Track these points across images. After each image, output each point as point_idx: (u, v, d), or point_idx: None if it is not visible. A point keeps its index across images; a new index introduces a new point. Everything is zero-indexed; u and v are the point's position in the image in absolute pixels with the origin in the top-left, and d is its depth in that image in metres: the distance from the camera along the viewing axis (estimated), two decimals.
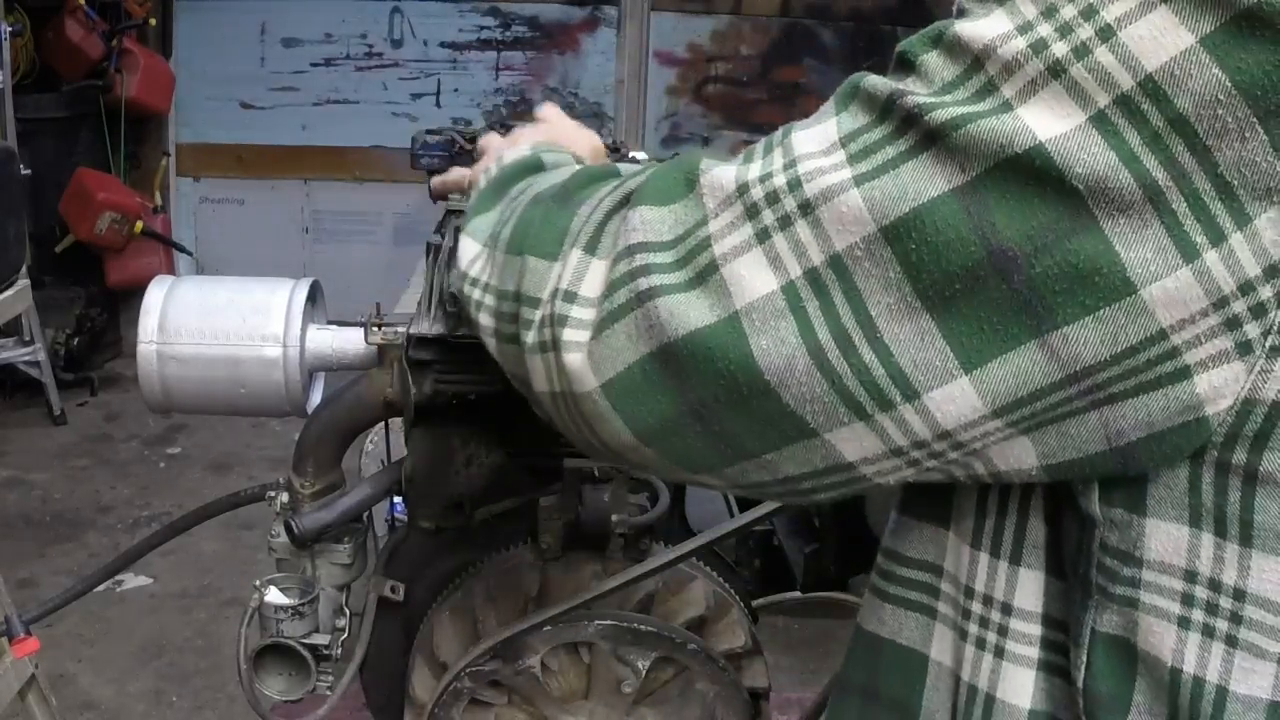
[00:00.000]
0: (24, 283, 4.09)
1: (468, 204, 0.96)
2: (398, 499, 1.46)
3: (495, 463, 1.34)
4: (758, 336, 0.63)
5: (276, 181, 5.86)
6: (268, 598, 1.37)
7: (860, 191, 0.61)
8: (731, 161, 0.69)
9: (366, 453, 2.47)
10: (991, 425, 0.62)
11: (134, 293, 4.29)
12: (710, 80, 5.78)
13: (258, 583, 1.39)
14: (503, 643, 1.25)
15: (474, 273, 0.85)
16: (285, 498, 1.43)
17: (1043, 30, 0.58)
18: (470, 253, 0.87)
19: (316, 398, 1.48)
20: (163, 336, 1.40)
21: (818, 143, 0.64)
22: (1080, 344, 0.59)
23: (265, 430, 4.75)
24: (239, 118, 5.78)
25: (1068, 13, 0.58)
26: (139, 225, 5.12)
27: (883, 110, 0.62)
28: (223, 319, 1.41)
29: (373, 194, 5.82)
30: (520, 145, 1.00)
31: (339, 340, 1.44)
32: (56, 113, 5.12)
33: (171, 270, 5.29)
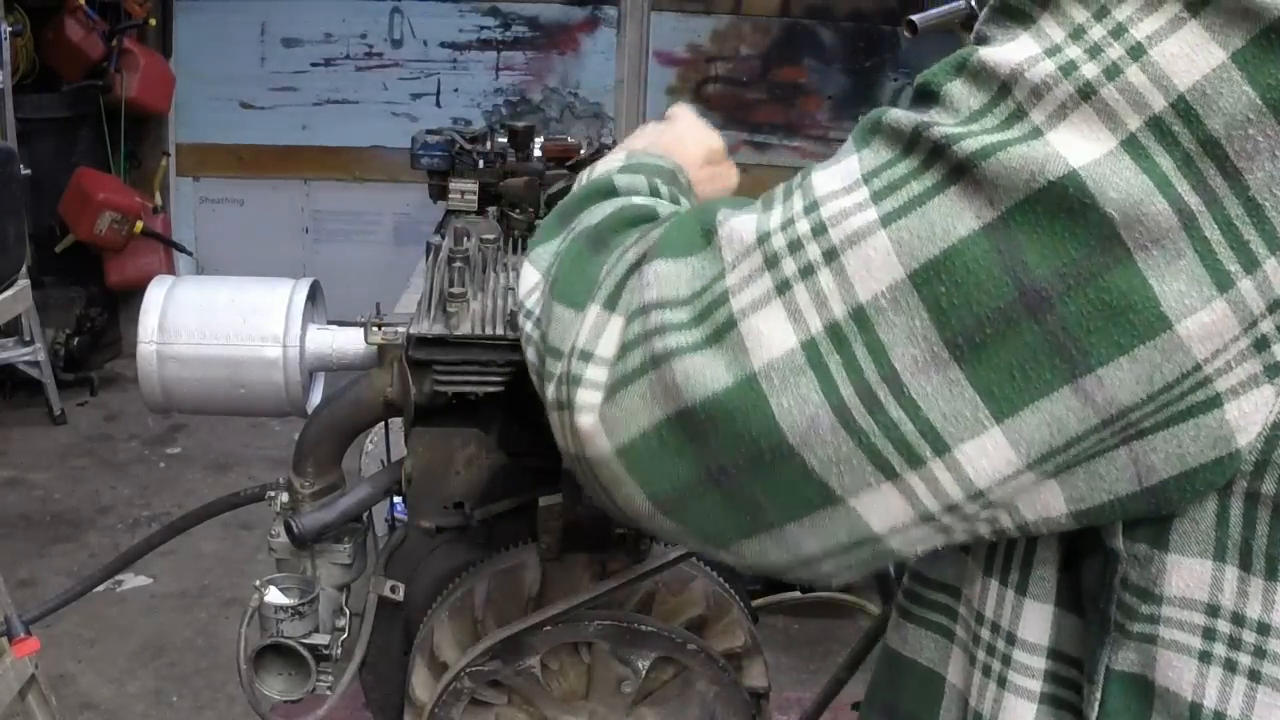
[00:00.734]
0: (24, 283, 4.09)
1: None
2: (398, 499, 1.46)
3: (495, 463, 1.34)
4: (778, 396, 0.60)
5: (276, 181, 5.86)
6: (268, 598, 1.37)
7: (888, 232, 0.58)
8: (751, 210, 0.66)
9: (366, 453, 2.47)
10: (1025, 478, 0.60)
11: (134, 293, 4.29)
12: (710, 80, 5.77)
13: (258, 583, 1.39)
14: (503, 643, 1.25)
15: (529, 305, 0.82)
16: (285, 498, 1.43)
17: (1072, 52, 0.57)
18: (529, 282, 0.84)
19: (316, 398, 1.48)
20: (163, 336, 1.40)
21: (839, 181, 0.61)
22: (1116, 386, 0.57)
23: (265, 430, 4.75)
24: (239, 118, 5.78)
25: (1096, 33, 0.56)
26: (139, 225, 5.12)
27: (908, 143, 0.60)
28: (223, 319, 1.41)
29: (373, 194, 5.81)
30: (616, 155, 0.94)
31: (339, 340, 1.44)
32: (56, 113, 5.11)
33: (171, 270, 5.29)
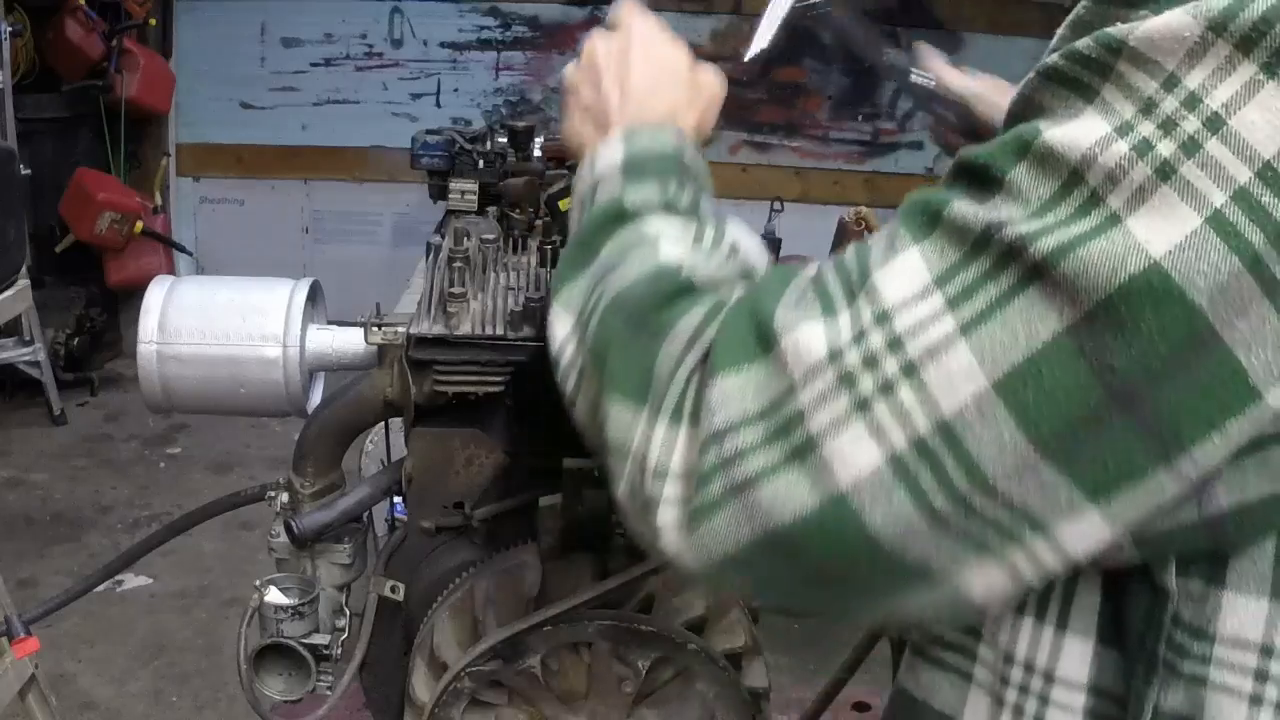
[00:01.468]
0: (24, 283, 4.09)
1: (570, 230, 0.89)
2: (398, 499, 1.46)
3: (495, 463, 1.34)
4: (870, 512, 0.59)
5: (276, 181, 5.86)
6: (268, 598, 1.37)
7: (967, 342, 0.56)
8: (808, 311, 0.63)
9: (366, 453, 2.46)
10: (1115, 542, 0.60)
11: (134, 293, 4.29)
12: None
13: (258, 583, 1.39)
14: (503, 643, 1.25)
15: (565, 360, 0.79)
16: (285, 498, 1.43)
17: (1145, 129, 0.54)
18: (561, 333, 0.80)
19: (316, 398, 1.48)
20: (163, 336, 1.40)
21: (909, 287, 0.59)
22: (1208, 459, 0.57)
23: (265, 430, 4.75)
24: (239, 118, 5.78)
25: (1169, 105, 0.54)
26: (139, 225, 5.11)
27: (976, 243, 0.57)
28: (223, 319, 1.41)
29: (373, 194, 5.81)
30: (612, 140, 0.89)
31: (339, 340, 1.44)
32: (56, 113, 5.11)
33: (171, 270, 5.29)
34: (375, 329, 1.35)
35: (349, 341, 1.44)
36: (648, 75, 0.96)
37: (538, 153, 1.82)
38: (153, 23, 5.40)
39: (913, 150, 5.66)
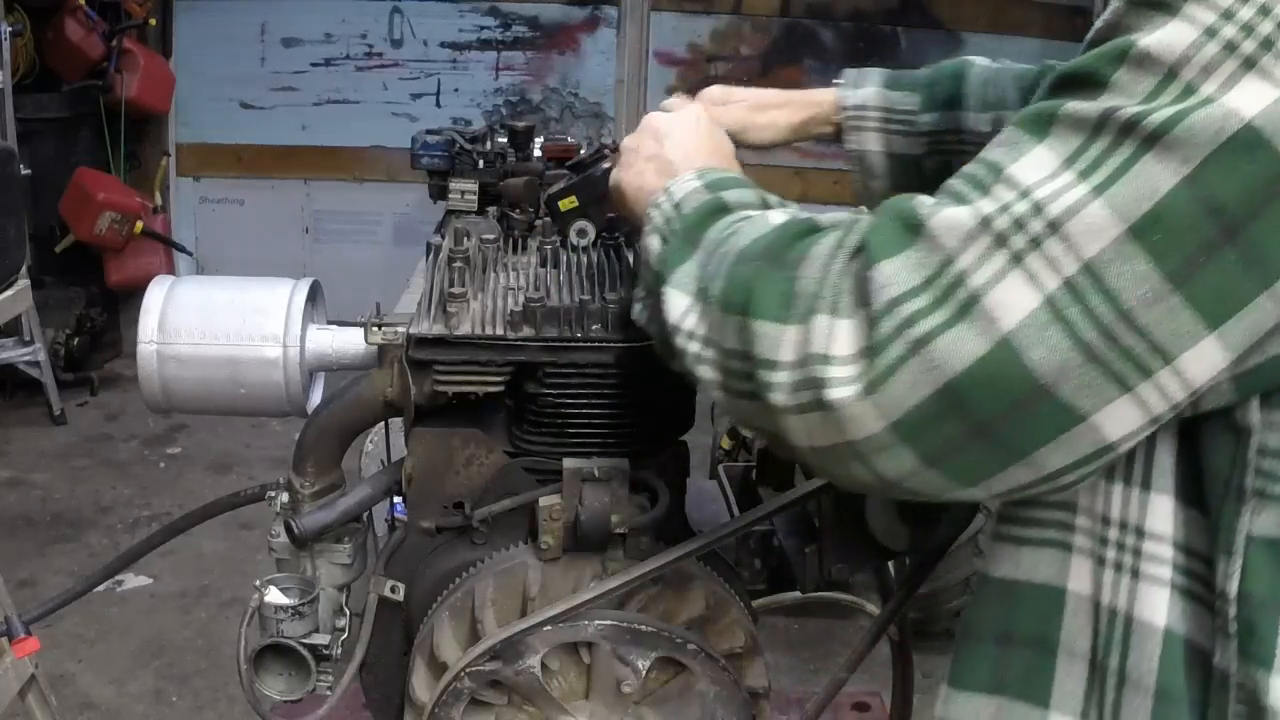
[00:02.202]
0: (24, 283, 4.09)
1: (654, 248, 0.99)
2: (398, 499, 1.46)
3: (495, 463, 1.34)
4: (1031, 350, 0.71)
5: (276, 181, 5.86)
6: (268, 598, 1.37)
7: (1102, 200, 0.70)
8: (949, 205, 0.75)
9: (366, 453, 2.47)
10: (1227, 370, 0.73)
11: (134, 293, 4.29)
12: (710, 80, 5.77)
13: (258, 583, 1.38)
14: (503, 643, 1.25)
15: (688, 326, 0.90)
16: (285, 498, 1.43)
17: (1229, 32, 0.70)
18: (680, 305, 0.91)
19: (316, 398, 1.48)
20: (163, 336, 1.40)
21: (1041, 170, 0.73)
22: None
23: (265, 430, 4.75)
24: (239, 118, 5.78)
25: (1245, 13, 0.70)
26: (139, 225, 5.12)
27: (1095, 127, 0.72)
28: (223, 319, 1.41)
29: (373, 194, 5.81)
30: (683, 175, 1.04)
31: (339, 340, 1.44)
32: (56, 113, 5.11)
33: (171, 270, 5.29)
34: (375, 329, 1.35)
35: (349, 341, 1.44)
36: (698, 141, 1.16)
37: (538, 153, 1.82)
38: (153, 23, 5.40)
39: None
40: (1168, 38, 0.71)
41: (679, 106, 1.31)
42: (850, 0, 5.74)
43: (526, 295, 1.32)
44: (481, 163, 1.79)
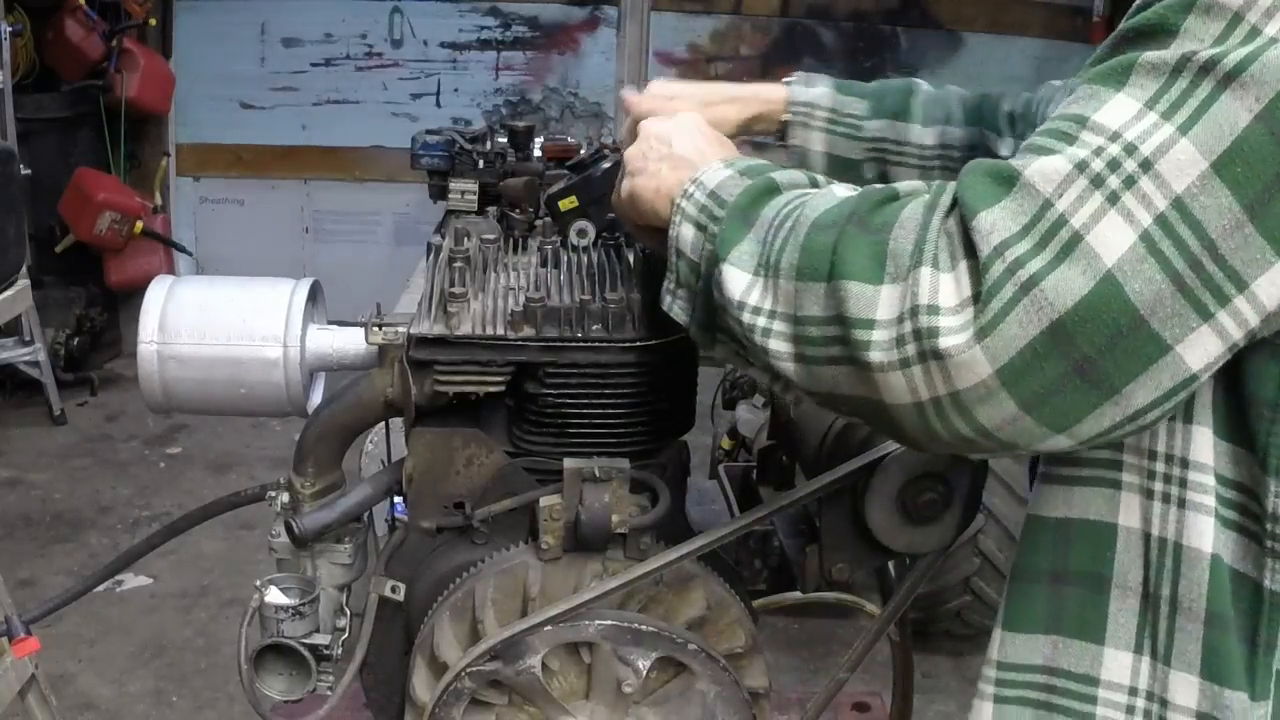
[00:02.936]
0: (24, 283, 4.09)
1: (689, 237, 1.00)
2: (398, 499, 1.46)
3: (496, 463, 1.34)
4: (1130, 283, 0.76)
5: (276, 181, 5.86)
6: (268, 598, 1.37)
7: (1187, 139, 0.75)
8: (1039, 155, 0.79)
9: (366, 453, 2.47)
10: None
11: (134, 293, 4.30)
12: (710, 80, 5.78)
13: (258, 583, 1.38)
14: (503, 643, 1.25)
15: (753, 301, 0.91)
16: (285, 498, 1.43)
17: None
18: (741, 282, 0.93)
19: (317, 398, 1.47)
20: (163, 336, 1.40)
21: (1126, 114, 0.78)
22: None
23: (265, 430, 4.75)
24: (239, 118, 5.78)
25: None
26: (139, 225, 5.12)
27: (1173, 71, 0.77)
28: (223, 319, 1.41)
29: (373, 194, 5.82)
30: (712, 164, 1.05)
31: (339, 340, 1.44)
32: (56, 113, 5.12)
33: (171, 270, 5.29)
34: (376, 329, 1.35)
35: (349, 341, 1.44)
36: (704, 138, 1.17)
37: (538, 153, 1.82)
38: (153, 23, 5.41)
39: None
40: None
41: (633, 93, 1.40)
42: (850, 0, 5.74)
43: (527, 295, 1.32)
44: (481, 163, 1.80)
